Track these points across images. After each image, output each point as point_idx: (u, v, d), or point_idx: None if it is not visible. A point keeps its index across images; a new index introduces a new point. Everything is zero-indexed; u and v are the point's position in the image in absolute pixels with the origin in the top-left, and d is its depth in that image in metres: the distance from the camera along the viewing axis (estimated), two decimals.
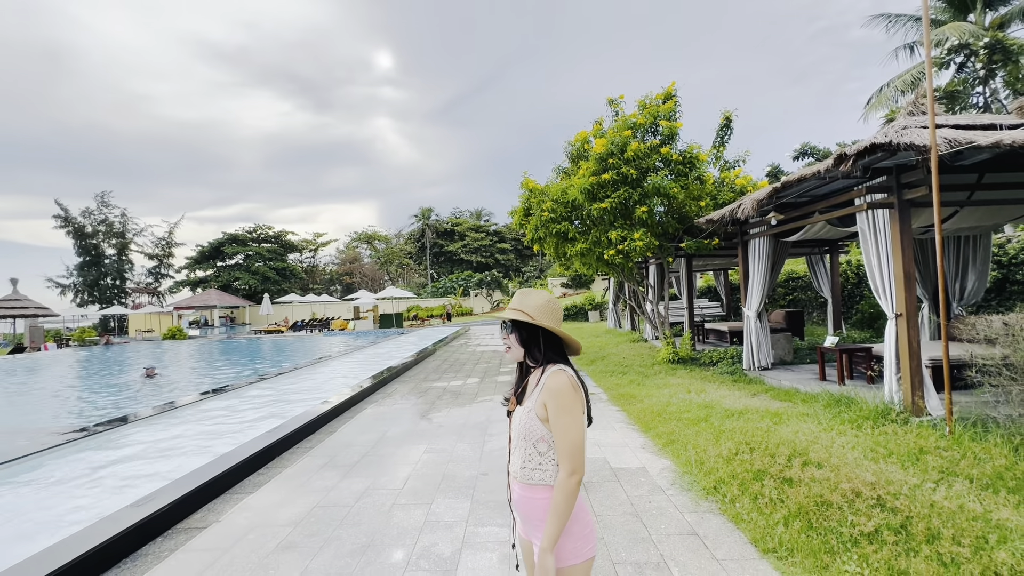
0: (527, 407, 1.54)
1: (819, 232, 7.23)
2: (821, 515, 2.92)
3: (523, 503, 1.55)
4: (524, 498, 1.55)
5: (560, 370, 1.51)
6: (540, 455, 1.50)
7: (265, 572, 2.86)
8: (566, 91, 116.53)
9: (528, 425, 1.51)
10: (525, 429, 1.52)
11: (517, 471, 1.54)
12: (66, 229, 37.91)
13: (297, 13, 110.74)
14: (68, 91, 75.47)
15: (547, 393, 1.48)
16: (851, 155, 4.65)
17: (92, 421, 7.55)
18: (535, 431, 1.50)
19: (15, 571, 2.59)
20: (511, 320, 1.59)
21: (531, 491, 1.52)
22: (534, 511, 1.52)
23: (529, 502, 1.53)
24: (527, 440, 1.51)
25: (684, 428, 5.05)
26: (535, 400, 1.52)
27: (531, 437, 1.51)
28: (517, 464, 1.54)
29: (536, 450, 1.50)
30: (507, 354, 1.63)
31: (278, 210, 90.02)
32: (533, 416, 1.51)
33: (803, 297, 15.93)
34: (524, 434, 1.52)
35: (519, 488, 1.56)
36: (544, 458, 1.50)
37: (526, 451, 1.52)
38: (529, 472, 1.51)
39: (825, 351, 7.03)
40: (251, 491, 4.16)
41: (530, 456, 1.51)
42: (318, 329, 30.26)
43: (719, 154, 10.47)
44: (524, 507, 1.56)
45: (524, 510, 1.56)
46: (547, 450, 1.50)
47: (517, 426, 1.56)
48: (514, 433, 1.58)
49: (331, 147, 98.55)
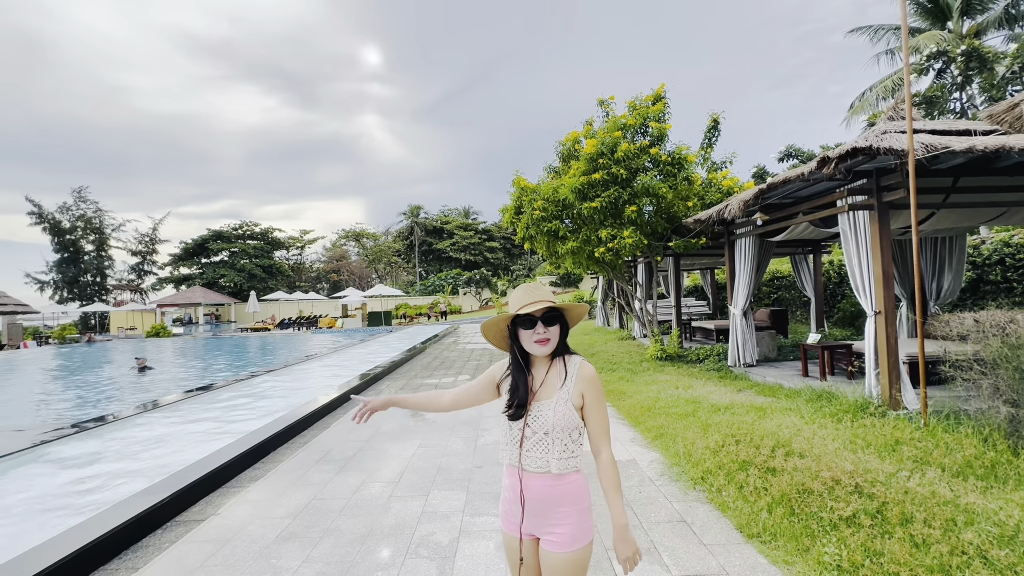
0: (561, 399, 1.54)
1: (803, 233, 7.44)
2: (803, 502, 3.06)
3: (550, 492, 1.54)
4: (552, 487, 1.54)
5: (586, 360, 1.63)
6: (574, 443, 1.55)
7: (267, 561, 2.92)
8: (555, 91, 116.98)
9: (567, 416, 1.53)
10: (563, 420, 1.52)
11: (551, 463, 1.53)
12: (41, 225, 37.07)
13: (283, 7, 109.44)
14: (44, 82, 73.70)
15: (584, 383, 1.56)
16: (834, 158, 4.82)
17: (88, 416, 7.48)
18: (572, 420, 1.54)
19: (19, 561, 2.62)
20: (550, 311, 1.57)
21: (561, 480, 1.54)
22: (560, 498, 1.54)
23: (556, 490, 1.54)
24: (564, 431, 1.53)
25: (672, 422, 5.19)
26: (571, 391, 1.55)
27: (568, 427, 1.53)
28: (552, 457, 1.53)
29: (571, 439, 1.54)
30: (543, 348, 1.56)
31: (263, 207, 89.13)
32: (570, 407, 1.54)
33: (787, 296, 16.27)
34: (562, 425, 1.52)
35: (548, 480, 1.54)
36: (575, 445, 1.56)
37: (563, 442, 1.53)
38: (566, 461, 1.53)
39: (808, 348, 7.24)
40: (248, 485, 4.20)
41: (566, 446, 1.53)
42: (306, 327, 30.04)
43: (707, 155, 10.67)
44: (550, 497, 1.54)
45: (549, 500, 1.54)
46: (578, 437, 1.57)
47: (552, 419, 1.53)
48: (541, 427, 1.54)
49: (317, 143, 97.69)
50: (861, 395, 5.24)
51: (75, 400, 10.15)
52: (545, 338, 1.56)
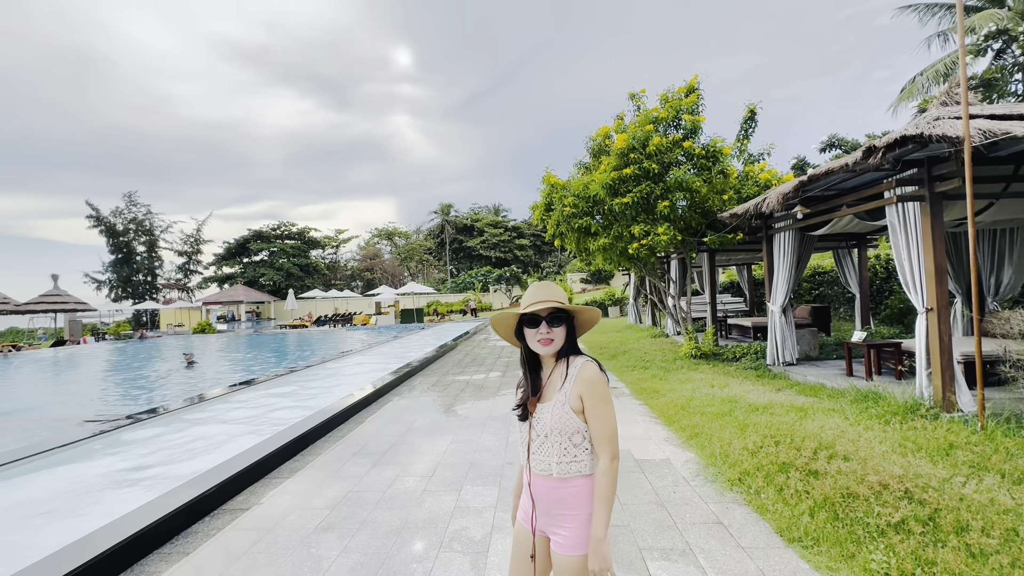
0: (559, 401, 1.53)
1: (847, 226, 7.12)
2: (847, 506, 2.94)
3: (553, 495, 1.55)
4: (555, 489, 1.54)
5: (589, 360, 1.56)
6: (575, 447, 1.52)
7: (307, 551, 3.02)
8: (584, 86, 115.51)
9: (563, 419, 1.51)
10: (560, 423, 1.51)
11: (552, 467, 1.53)
12: (98, 228, 39.34)
13: (317, 13, 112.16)
14: (98, 94, 78.02)
15: (583, 384, 1.51)
16: (881, 147, 4.59)
17: (144, 407, 7.93)
18: (570, 424, 1.51)
19: (89, 539, 2.80)
20: (555, 312, 1.56)
21: (565, 483, 1.53)
22: (563, 500, 1.53)
23: (559, 492, 1.54)
24: (562, 434, 1.52)
25: (708, 422, 5.08)
26: (568, 393, 1.53)
27: (567, 431, 1.51)
28: (552, 460, 1.53)
29: (571, 443, 1.52)
30: (546, 348, 1.56)
31: (300, 207, 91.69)
32: (567, 409, 1.52)
33: (829, 292, 15.63)
34: (559, 428, 1.51)
35: (552, 483, 1.54)
36: (579, 449, 1.52)
37: (562, 445, 1.52)
38: (566, 466, 1.52)
39: (852, 347, 6.94)
40: (288, 476, 4.36)
41: (566, 450, 1.52)
42: (341, 324, 30.85)
43: (743, 147, 10.33)
44: (554, 499, 1.55)
45: (552, 502, 1.55)
46: (581, 441, 1.52)
47: (549, 422, 1.53)
48: (542, 430, 1.55)
49: (351, 144, 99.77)
50: (911, 396, 4.99)
51: (132, 392, 10.76)
52: (549, 338, 1.55)
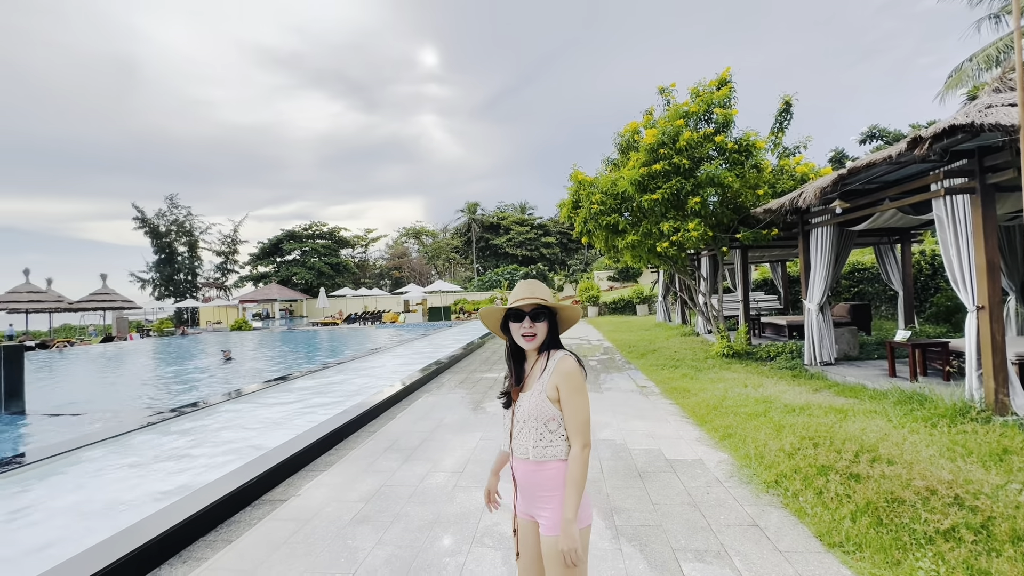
0: (536, 391, 1.65)
1: (889, 220, 6.83)
2: (892, 512, 2.84)
3: (532, 478, 1.66)
4: (533, 472, 1.65)
5: (568, 354, 1.67)
6: (551, 432, 1.63)
7: (343, 542, 3.11)
8: (611, 81, 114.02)
9: (539, 406, 1.63)
10: (536, 411, 1.63)
11: (528, 451, 1.64)
12: (143, 229, 41.23)
13: (347, 17, 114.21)
14: (137, 100, 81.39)
15: (559, 376, 1.63)
16: (928, 138, 4.39)
17: (187, 399, 8.30)
18: (546, 411, 1.62)
19: (141, 526, 2.96)
20: (538, 309, 1.69)
21: (541, 466, 1.64)
22: (542, 483, 1.64)
23: (537, 475, 1.64)
24: (538, 420, 1.63)
25: (742, 422, 4.97)
26: (545, 383, 1.64)
27: (542, 417, 1.63)
28: (528, 444, 1.64)
29: (547, 428, 1.63)
30: (529, 343, 1.68)
31: (330, 207, 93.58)
32: (544, 398, 1.63)
33: (870, 289, 15.02)
34: (535, 415, 1.63)
35: (530, 466, 1.66)
36: (555, 435, 1.63)
37: (537, 431, 1.63)
38: (542, 450, 1.63)
39: (895, 346, 6.66)
40: (324, 469, 4.48)
41: (541, 435, 1.63)
42: (370, 322, 31.45)
43: (778, 140, 10.04)
44: (532, 482, 1.66)
45: (532, 485, 1.66)
46: (557, 428, 1.63)
47: (527, 409, 1.65)
48: (522, 416, 1.67)
49: (379, 145, 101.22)
50: (960, 398, 4.76)
51: (176, 385, 11.25)
52: (532, 333, 1.68)
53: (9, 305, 23.44)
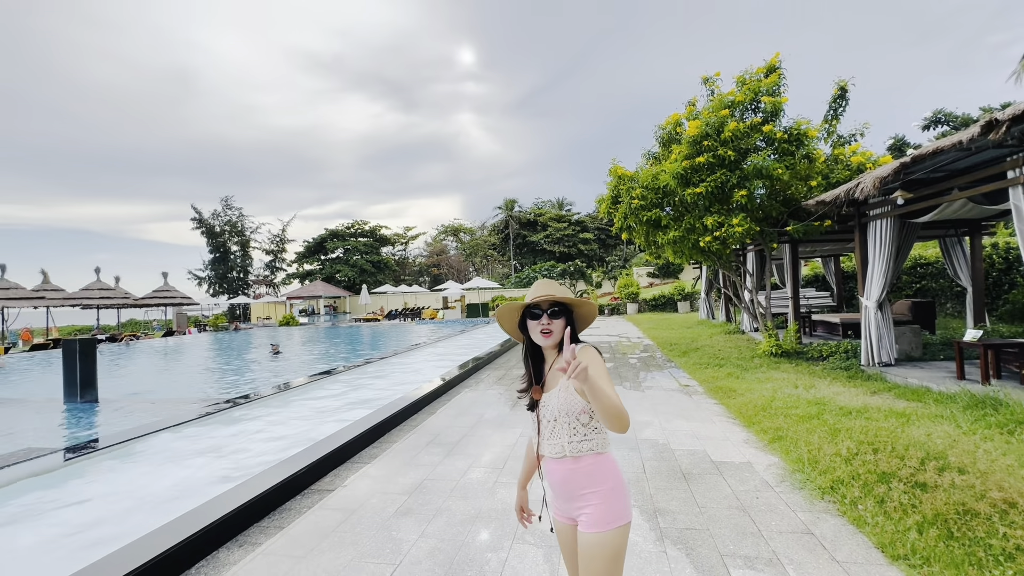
0: (562, 386, 1.63)
1: (958, 211, 6.36)
2: (964, 525, 2.64)
3: (570, 475, 1.62)
4: (571, 470, 1.62)
5: (587, 345, 1.64)
6: (584, 426, 1.61)
7: (388, 533, 3.18)
8: (649, 72, 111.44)
9: (568, 401, 1.61)
10: (566, 406, 1.61)
11: (564, 447, 1.61)
12: (200, 229, 43.62)
13: (386, 20, 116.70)
14: (192, 107, 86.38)
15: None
16: (1005, 120, 4.04)
17: (240, 392, 8.75)
18: (576, 405, 1.60)
19: (203, 509, 3.14)
20: (556, 305, 1.68)
21: (578, 461, 1.61)
22: (581, 479, 1.61)
23: (576, 472, 1.61)
24: (570, 415, 1.61)
25: (793, 425, 4.75)
26: None
27: (573, 411, 1.61)
28: (563, 441, 1.62)
29: (579, 422, 1.61)
30: (547, 339, 1.67)
31: (371, 206, 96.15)
32: (571, 392, 1.61)
33: (934, 286, 14.06)
34: (566, 410, 1.61)
35: (567, 463, 1.62)
36: (587, 428, 1.61)
37: (571, 426, 1.61)
38: (577, 444, 1.60)
39: (965, 347, 6.20)
40: (368, 462, 4.61)
41: (575, 430, 1.61)
42: (410, 318, 32.11)
43: (831, 128, 9.52)
44: (570, 480, 1.62)
45: (570, 482, 1.63)
46: (589, 420, 1.61)
47: (556, 406, 1.63)
48: (551, 415, 1.65)
49: (418, 144, 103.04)
50: None
51: (230, 377, 11.88)
52: (549, 329, 1.66)
53: (83, 301, 25.35)
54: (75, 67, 77.12)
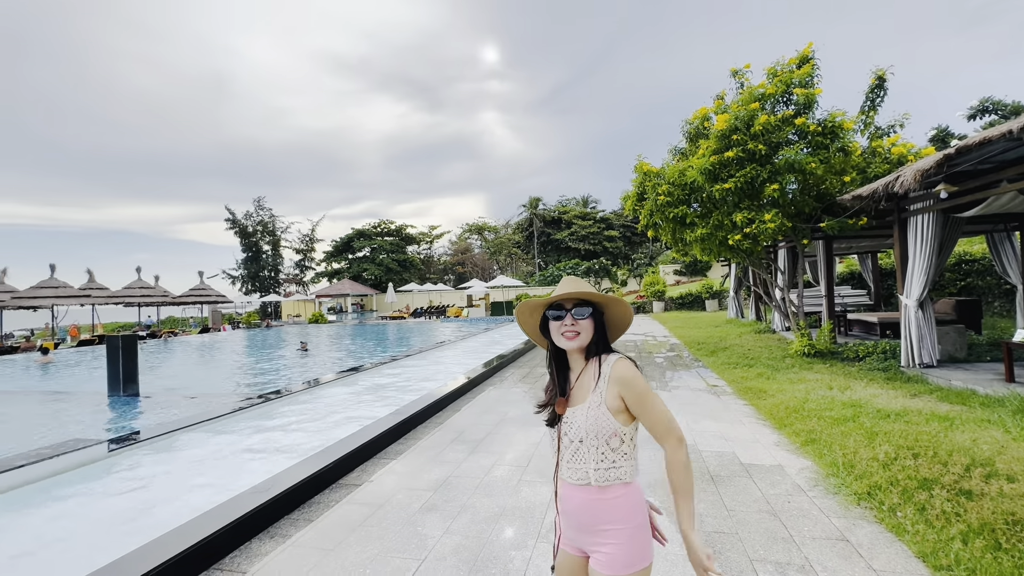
0: (593, 402, 1.42)
1: (1007, 205, 6.01)
2: (1015, 535, 2.50)
3: (593, 506, 1.42)
4: (595, 501, 1.41)
5: (623, 357, 1.45)
6: (613, 451, 1.40)
7: (413, 528, 3.22)
8: (677, 67, 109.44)
9: (599, 421, 1.40)
10: (596, 426, 1.40)
11: (590, 474, 1.41)
12: (233, 230, 45.03)
13: (410, 20, 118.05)
14: (227, 111, 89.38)
15: (620, 383, 1.41)
16: None
17: (271, 386, 9.02)
18: (607, 426, 1.39)
19: (236, 501, 3.25)
20: (581, 303, 1.48)
21: (604, 492, 1.41)
22: (605, 513, 1.40)
23: (600, 503, 1.41)
24: (599, 438, 1.40)
25: (827, 427, 4.60)
26: (603, 392, 1.41)
27: (603, 434, 1.40)
28: (589, 467, 1.41)
29: (609, 447, 1.40)
30: (572, 342, 1.46)
31: (397, 206, 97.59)
32: (603, 410, 1.40)
33: (980, 283, 13.39)
34: (595, 432, 1.40)
35: (591, 493, 1.42)
36: (617, 454, 1.40)
37: (599, 450, 1.40)
38: (604, 472, 1.40)
39: (1014, 347, 5.87)
40: (394, 458, 4.67)
41: (604, 455, 1.40)
42: (436, 316, 32.43)
43: (869, 120, 9.14)
44: (591, 510, 1.42)
45: (592, 515, 1.42)
46: (619, 445, 1.41)
47: (583, 425, 1.41)
48: (576, 435, 1.43)
49: (443, 144, 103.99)
50: None
51: (261, 372, 12.25)
52: (574, 331, 1.46)
53: (125, 299, 26.52)
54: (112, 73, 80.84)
